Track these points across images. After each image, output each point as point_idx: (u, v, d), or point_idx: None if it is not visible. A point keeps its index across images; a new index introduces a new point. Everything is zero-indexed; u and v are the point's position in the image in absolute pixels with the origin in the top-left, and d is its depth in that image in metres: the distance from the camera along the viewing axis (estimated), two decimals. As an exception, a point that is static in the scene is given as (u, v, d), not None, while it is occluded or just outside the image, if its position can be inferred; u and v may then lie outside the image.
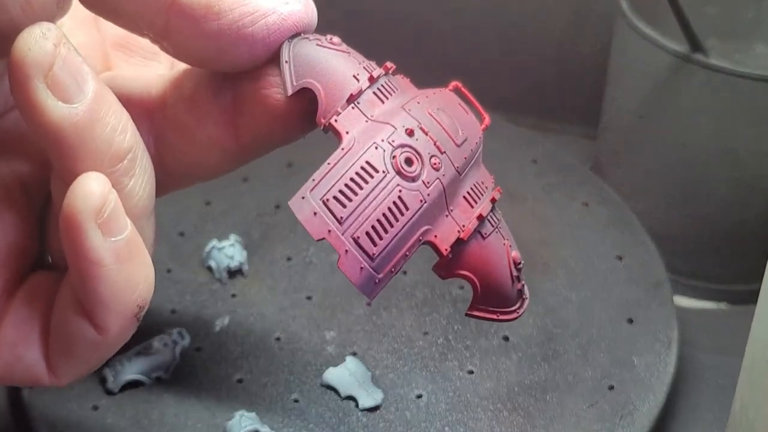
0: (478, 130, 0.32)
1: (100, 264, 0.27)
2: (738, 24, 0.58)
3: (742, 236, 0.53)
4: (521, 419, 0.42)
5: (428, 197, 0.29)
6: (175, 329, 0.44)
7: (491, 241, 0.30)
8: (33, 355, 0.30)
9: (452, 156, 0.30)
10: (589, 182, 0.56)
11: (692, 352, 0.49)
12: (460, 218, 0.30)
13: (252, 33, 0.28)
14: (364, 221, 0.28)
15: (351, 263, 0.28)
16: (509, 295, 0.31)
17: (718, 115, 0.50)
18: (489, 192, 0.31)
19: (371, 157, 0.28)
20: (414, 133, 0.29)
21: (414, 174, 0.29)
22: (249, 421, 0.41)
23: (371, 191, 0.28)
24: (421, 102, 0.30)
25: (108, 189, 0.27)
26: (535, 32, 0.65)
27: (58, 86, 0.26)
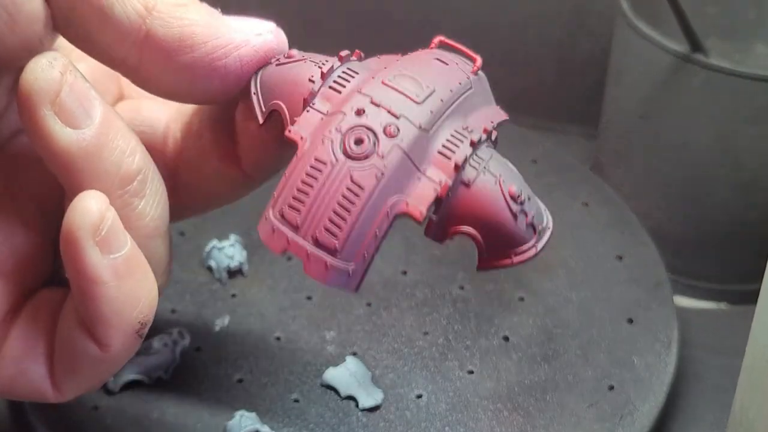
0: (456, 77, 0.30)
1: (99, 281, 0.27)
2: (738, 24, 0.58)
3: (742, 236, 0.53)
4: (521, 419, 0.42)
5: (386, 169, 0.28)
6: (175, 329, 0.44)
7: (478, 185, 0.29)
8: (38, 370, 0.30)
9: (412, 116, 0.28)
10: (589, 182, 0.56)
11: (692, 353, 0.49)
12: (436, 175, 0.28)
13: (225, 65, 0.28)
14: (320, 218, 0.28)
15: (315, 265, 0.28)
16: (516, 233, 0.29)
17: (718, 115, 0.50)
18: (471, 134, 0.29)
19: (319, 152, 0.28)
20: (364, 111, 0.28)
21: (365, 152, 0.28)
22: (249, 420, 0.41)
23: (322, 186, 0.28)
24: (377, 76, 0.29)
25: (105, 206, 0.27)
26: (535, 32, 0.65)
27: (65, 112, 0.27)
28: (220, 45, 0.28)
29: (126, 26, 0.27)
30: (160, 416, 0.41)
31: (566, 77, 0.66)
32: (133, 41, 0.27)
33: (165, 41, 0.27)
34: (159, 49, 0.27)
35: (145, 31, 0.27)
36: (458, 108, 0.29)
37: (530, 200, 0.30)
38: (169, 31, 0.27)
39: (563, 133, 0.66)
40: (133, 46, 0.27)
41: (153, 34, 0.27)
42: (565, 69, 0.66)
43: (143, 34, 0.27)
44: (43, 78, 0.26)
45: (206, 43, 0.28)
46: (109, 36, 0.27)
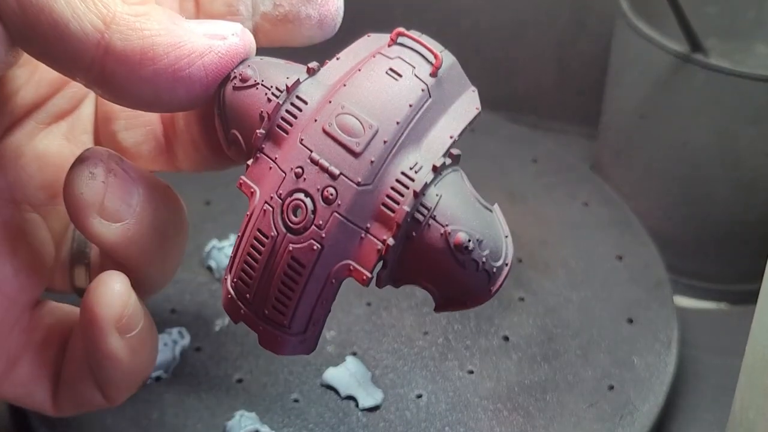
0: (408, 96, 0.28)
1: (115, 359, 0.29)
2: (738, 24, 0.58)
3: (742, 236, 0.53)
4: (521, 419, 0.42)
5: (324, 240, 0.27)
6: (175, 329, 0.44)
7: (422, 240, 0.27)
8: (42, 395, 0.32)
9: (351, 172, 0.27)
10: (589, 182, 0.56)
11: (692, 352, 0.49)
12: (379, 232, 0.27)
13: (189, 75, 0.28)
14: (266, 295, 0.28)
15: (268, 339, 0.28)
16: (466, 282, 0.28)
17: (718, 114, 0.50)
18: (419, 175, 0.27)
19: (261, 223, 0.28)
20: (303, 172, 0.27)
21: (304, 223, 0.27)
22: (249, 420, 0.41)
23: (266, 262, 0.27)
24: (321, 114, 0.28)
25: (128, 292, 0.29)
26: (535, 32, 0.65)
27: (109, 214, 0.29)
28: (183, 55, 0.27)
29: (84, 42, 0.26)
30: (160, 416, 0.41)
31: (566, 77, 0.66)
32: (93, 56, 0.27)
33: (125, 54, 0.27)
34: (120, 63, 0.27)
35: (105, 45, 0.26)
36: (409, 136, 0.28)
37: (483, 242, 0.28)
38: (129, 44, 0.26)
39: (563, 132, 0.66)
40: (93, 61, 0.27)
41: (112, 48, 0.26)
42: (565, 69, 0.66)
43: (102, 48, 0.26)
44: (87, 191, 0.28)
45: (168, 54, 0.27)
46: (68, 52, 0.27)
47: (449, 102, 0.29)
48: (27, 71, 0.30)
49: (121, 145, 0.32)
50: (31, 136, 0.31)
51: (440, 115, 0.29)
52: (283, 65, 0.30)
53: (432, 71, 0.29)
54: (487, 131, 0.57)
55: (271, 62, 0.30)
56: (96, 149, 0.29)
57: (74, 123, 0.32)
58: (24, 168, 0.31)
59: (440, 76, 0.29)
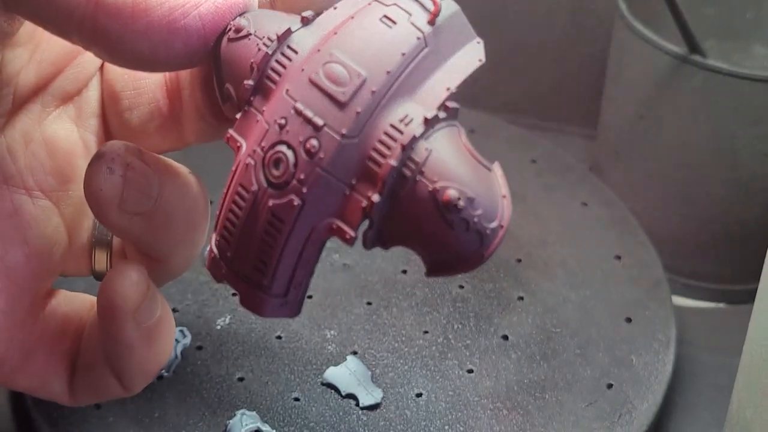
0: (402, 44, 0.26)
1: (131, 348, 0.29)
2: (736, 25, 0.58)
3: (740, 236, 0.53)
4: (520, 418, 0.42)
5: (305, 195, 0.26)
6: (176, 328, 0.45)
7: (408, 197, 0.26)
8: (59, 385, 0.31)
9: (336, 123, 0.26)
10: (588, 182, 0.56)
11: (690, 352, 0.50)
12: (363, 190, 0.26)
13: (185, 26, 0.26)
14: (247, 254, 0.26)
15: (249, 300, 0.27)
16: (455, 244, 0.26)
17: (716, 115, 0.50)
18: (408, 128, 0.26)
19: (242, 177, 0.26)
20: (286, 123, 0.26)
21: (284, 177, 0.26)
22: (250, 419, 0.41)
23: (246, 218, 0.26)
24: (308, 63, 0.26)
25: (145, 283, 0.29)
26: (534, 33, 0.65)
27: (130, 207, 0.28)
28: (177, 5, 0.26)
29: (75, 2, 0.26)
30: (162, 414, 0.42)
31: (565, 78, 0.66)
32: (83, 12, 0.26)
33: (116, 7, 0.26)
34: (111, 17, 0.26)
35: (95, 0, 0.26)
36: (400, 87, 0.26)
37: (474, 201, 0.26)
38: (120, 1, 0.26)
39: (562, 133, 0.66)
40: (84, 17, 0.26)
41: (103, 2, 0.26)
42: (564, 70, 0.66)
43: (93, 2, 0.26)
44: (106, 187, 0.28)
45: (161, 5, 0.26)
46: (59, 9, 0.26)
47: (449, 53, 0.27)
48: (27, 51, 0.30)
49: (128, 125, 0.32)
50: (39, 120, 0.31)
51: (438, 65, 0.27)
52: (279, 15, 0.28)
53: (430, 19, 0.27)
54: (486, 132, 0.58)
55: (268, 13, 0.28)
56: (113, 144, 0.29)
57: (81, 106, 0.32)
58: (33, 153, 0.30)
59: (439, 24, 0.27)
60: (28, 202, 0.30)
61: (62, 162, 0.31)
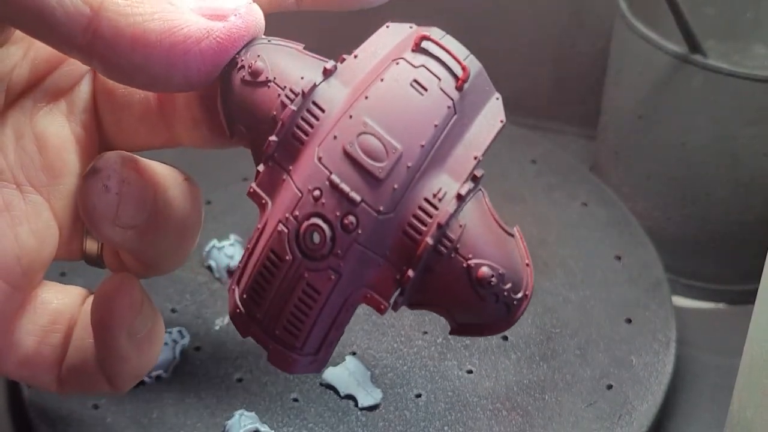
0: (434, 114, 0.27)
1: (124, 357, 0.30)
2: (736, 25, 0.58)
3: (740, 236, 0.53)
4: (520, 418, 0.42)
5: (342, 268, 0.26)
6: (175, 328, 0.45)
7: (444, 271, 0.26)
8: (48, 378, 0.31)
9: (372, 200, 0.26)
10: (588, 182, 0.56)
11: (690, 352, 0.50)
12: (398, 263, 0.26)
13: (185, 62, 0.26)
14: (279, 317, 0.27)
15: (277, 358, 0.27)
16: (484, 314, 0.27)
17: (716, 115, 0.50)
18: (443, 204, 0.26)
19: (275, 243, 0.26)
20: (321, 195, 0.26)
21: (320, 251, 0.26)
22: (249, 420, 0.41)
23: (279, 283, 0.26)
24: (341, 129, 0.26)
25: (141, 300, 0.30)
26: (534, 33, 0.65)
27: (124, 222, 0.29)
28: (178, 41, 0.26)
29: (71, 27, 0.25)
30: (160, 415, 0.42)
31: (565, 78, 0.66)
32: (81, 42, 0.26)
33: (115, 41, 0.26)
34: (110, 49, 0.26)
35: (93, 31, 0.25)
36: (433, 159, 0.26)
37: (505, 276, 0.27)
38: (118, 31, 0.25)
39: (562, 133, 0.66)
40: (82, 45, 0.26)
41: (101, 34, 0.25)
42: (564, 70, 0.66)
43: (90, 34, 0.26)
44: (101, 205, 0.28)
45: (161, 41, 0.26)
46: (57, 36, 0.26)
47: (474, 114, 0.28)
48: (21, 48, 0.30)
49: (119, 122, 0.31)
50: (30, 116, 0.30)
51: (465, 130, 0.27)
52: (296, 56, 0.28)
53: (458, 84, 0.27)
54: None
55: (283, 51, 0.28)
56: (109, 158, 0.29)
57: (73, 102, 0.31)
58: (24, 149, 0.30)
59: (466, 88, 0.27)
60: (18, 197, 0.30)
61: (53, 157, 0.30)
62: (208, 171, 0.54)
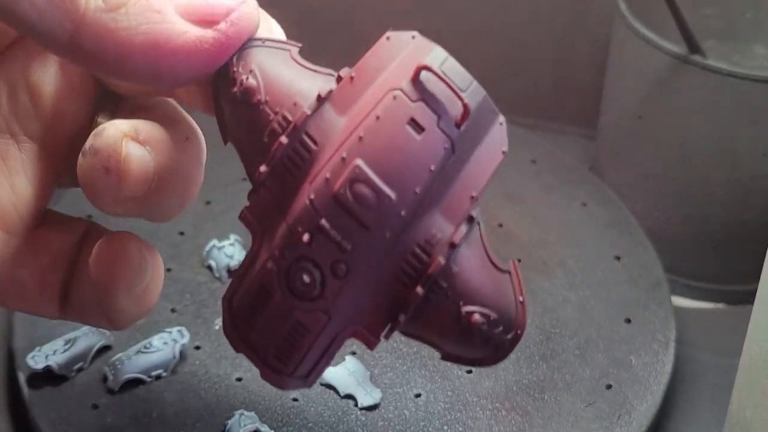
0: (429, 157, 0.26)
1: (123, 311, 0.30)
2: (736, 25, 0.58)
3: (739, 237, 0.53)
4: (519, 418, 0.42)
5: (333, 310, 0.26)
6: (174, 328, 0.45)
7: (435, 314, 0.27)
8: (50, 311, 0.32)
9: (364, 247, 0.25)
10: (587, 182, 0.56)
11: (690, 352, 0.50)
12: (390, 305, 0.26)
13: (172, 73, 0.26)
14: (269, 345, 0.27)
15: (270, 377, 0.28)
16: (474, 355, 0.28)
17: (716, 116, 0.50)
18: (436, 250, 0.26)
19: (265, 278, 0.26)
20: (311, 239, 0.25)
21: (311, 294, 0.26)
22: (248, 419, 0.41)
23: (271, 316, 0.27)
24: (332, 171, 0.25)
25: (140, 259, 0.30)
26: (533, 33, 0.65)
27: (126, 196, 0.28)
28: (164, 55, 0.25)
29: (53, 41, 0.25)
30: (160, 414, 0.42)
31: (565, 78, 0.66)
32: (65, 52, 0.26)
33: (99, 56, 0.25)
34: (93, 61, 0.26)
35: (75, 45, 0.25)
36: (428, 203, 0.26)
37: (496, 320, 0.27)
38: (100, 47, 0.25)
39: (562, 133, 0.66)
40: (66, 54, 0.26)
41: (83, 49, 0.25)
42: (563, 70, 0.66)
43: (73, 47, 0.25)
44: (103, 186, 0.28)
45: (146, 55, 0.25)
46: (41, 43, 0.26)
47: (474, 147, 0.27)
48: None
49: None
50: (23, 66, 0.30)
51: (463, 167, 0.27)
52: (291, 68, 0.27)
53: (458, 122, 0.26)
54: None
55: (278, 59, 0.27)
56: (108, 136, 0.27)
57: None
58: (18, 99, 0.30)
59: (466, 125, 0.26)
60: (14, 148, 0.30)
61: (48, 107, 0.30)
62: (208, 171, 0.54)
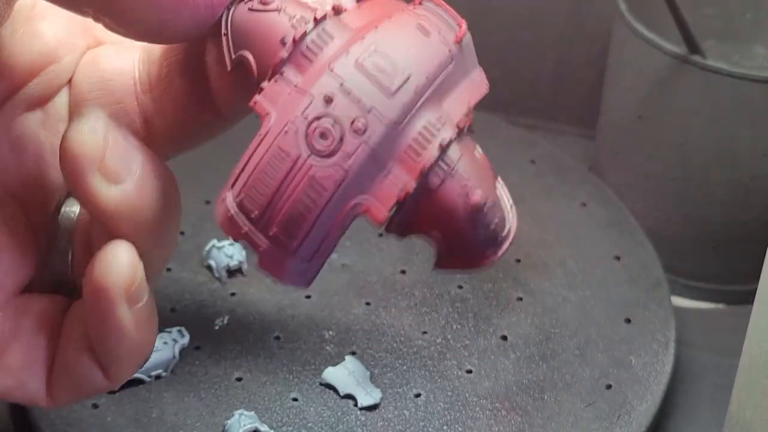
0: (435, 56, 0.28)
1: (122, 331, 0.29)
2: (736, 25, 0.58)
3: (739, 237, 0.53)
4: (519, 418, 0.42)
5: (350, 168, 0.27)
6: (174, 328, 0.45)
7: (442, 192, 0.28)
8: (36, 383, 0.30)
9: (383, 109, 0.27)
10: (587, 183, 0.56)
11: (689, 352, 0.50)
12: (401, 175, 0.27)
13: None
14: (278, 215, 0.27)
15: (270, 261, 0.27)
16: (474, 244, 0.28)
17: (715, 116, 0.50)
18: (444, 129, 0.28)
19: (282, 141, 0.27)
20: (333, 99, 0.27)
21: (329, 149, 0.27)
22: (248, 419, 0.41)
23: (283, 180, 0.27)
24: (353, 48, 0.28)
25: (137, 260, 0.28)
26: (533, 33, 0.65)
27: (109, 172, 0.27)
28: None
29: None
30: (160, 414, 0.42)
31: (564, 78, 0.66)
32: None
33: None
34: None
35: None
36: (433, 94, 0.28)
37: (494, 206, 0.28)
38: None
39: (562, 133, 0.66)
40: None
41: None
42: (563, 70, 0.66)
43: None
44: (89, 146, 0.27)
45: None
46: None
47: (465, 73, 0.29)
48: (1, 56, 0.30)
49: None
50: (6, 123, 0.30)
51: (458, 82, 0.29)
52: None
53: (456, 39, 0.29)
54: (486, 132, 0.58)
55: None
56: (95, 107, 0.28)
57: (49, 111, 0.31)
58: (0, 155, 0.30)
59: (462, 45, 0.29)
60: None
61: (29, 164, 0.30)
62: (207, 171, 0.54)
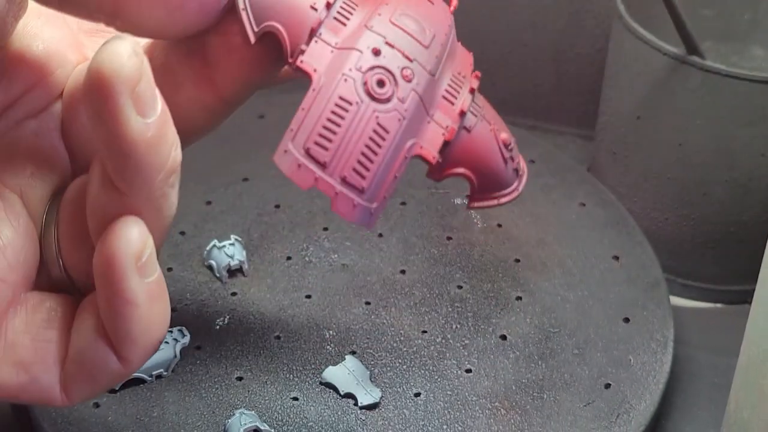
0: (445, 19, 0.31)
1: (135, 304, 0.28)
2: (734, 26, 0.58)
3: (737, 237, 0.53)
4: (518, 418, 0.42)
5: (406, 113, 0.29)
6: (175, 328, 0.45)
7: (478, 131, 0.31)
8: (49, 378, 0.30)
9: (423, 60, 0.30)
10: (586, 183, 0.56)
11: (688, 352, 0.50)
12: (443, 120, 0.30)
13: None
14: (348, 158, 0.28)
15: (343, 203, 0.29)
16: (504, 177, 0.32)
17: (714, 116, 0.50)
18: (467, 82, 0.31)
19: (343, 90, 0.28)
20: (381, 51, 0.29)
21: (387, 95, 0.29)
22: (249, 418, 0.41)
23: (349, 126, 0.28)
24: (382, 12, 0.30)
25: (146, 233, 0.28)
26: (532, 33, 0.65)
27: (140, 102, 0.26)
28: None
29: None
30: (161, 414, 0.42)
31: (563, 79, 0.66)
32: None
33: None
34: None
35: None
36: (450, 51, 0.31)
37: (515, 146, 0.32)
38: None
39: (560, 134, 0.66)
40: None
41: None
42: (562, 71, 0.66)
43: None
44: (127, 67, 0.25)
45: None
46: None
47: (455, 41, 0.32)
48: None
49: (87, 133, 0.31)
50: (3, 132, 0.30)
51: (455, 47, 0.32)
52: None
53: (451, 10, 0.32)
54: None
55: None
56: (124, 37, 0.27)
57: (44, 120, 0.31)
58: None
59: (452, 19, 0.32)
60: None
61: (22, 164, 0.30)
62: (208, 171, 0.54)
